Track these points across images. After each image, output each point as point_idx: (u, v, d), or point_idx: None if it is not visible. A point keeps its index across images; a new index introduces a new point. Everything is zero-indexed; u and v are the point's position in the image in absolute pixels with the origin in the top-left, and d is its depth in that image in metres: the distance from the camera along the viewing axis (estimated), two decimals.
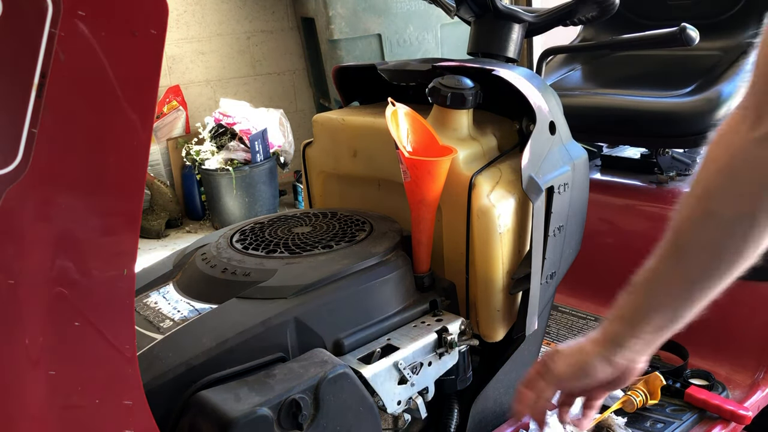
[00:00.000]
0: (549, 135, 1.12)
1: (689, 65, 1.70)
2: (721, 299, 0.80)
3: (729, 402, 1.35)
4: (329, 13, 3.42)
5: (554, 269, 1.17)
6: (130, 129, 0.58)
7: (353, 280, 0.96)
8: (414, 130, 1.03)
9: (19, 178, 0.53)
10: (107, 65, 0.56)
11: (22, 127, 0.53)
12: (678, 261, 0.82)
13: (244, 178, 3.58)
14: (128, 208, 0.60)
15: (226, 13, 4.01)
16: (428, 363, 0.98)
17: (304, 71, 4.28)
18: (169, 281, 1.04)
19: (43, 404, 0.58)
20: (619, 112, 1.61)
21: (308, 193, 1.36)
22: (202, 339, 0.85)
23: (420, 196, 1.00)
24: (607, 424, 1.27)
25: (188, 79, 4.00)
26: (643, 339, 0.86)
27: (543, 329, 1.26)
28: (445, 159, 0.98)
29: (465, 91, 1.09)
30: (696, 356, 1.49)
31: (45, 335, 0.57)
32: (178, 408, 0.80)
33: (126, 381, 0.64)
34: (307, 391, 0.80)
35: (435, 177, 0.98)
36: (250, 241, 1.08)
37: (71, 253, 0.57)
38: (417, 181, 0.99)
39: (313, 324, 0.91)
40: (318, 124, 1.28)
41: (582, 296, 1.72)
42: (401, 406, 0.95)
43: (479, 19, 1.33)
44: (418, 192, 1.00)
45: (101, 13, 0.54)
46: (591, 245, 1.36)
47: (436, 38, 3.67)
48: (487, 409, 1.19)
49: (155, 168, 3.79)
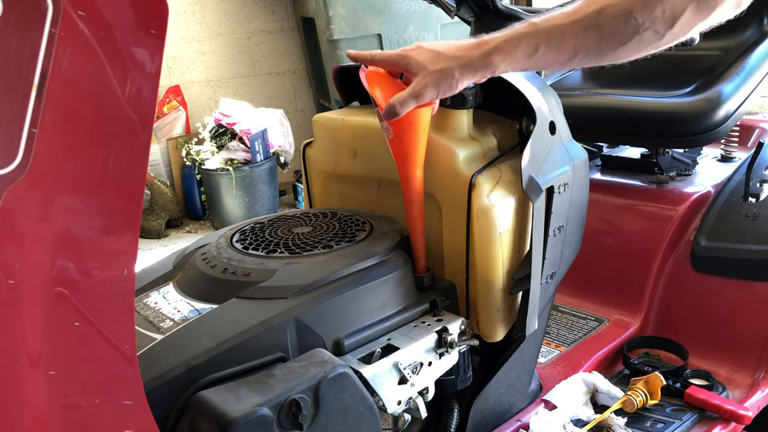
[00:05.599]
0: (549, 135, 1.12)
1: (689, 65, 1.70)
2: (722, 299, 0.80)
3: (729, 402, 1.35)
4: (329, 13, 3.42)
5: (554, 269, 1.17)
6: (130, 129, 0.58)
7: (353, 280, 0.96)
8: (390, 88, 1.03)
9: (19, 178, 0.53)
10: (107, 65, 0.56)
11: (22, 127, 0.53)
12: (569, 14, 0.88)
13: (244, 178, 3.58)
14: (128, 208, 0.60)
15: (226, 13, 4.01)
16: (428, 363, 0.98)
17: (304, 71, 4.28)
18: (169, 281, 1.04)
19: (43, 404, 0.58)
20: (619, 112, 1.61)
21: (308, 193, 1.36)
22: (202, 339, 0.85)
23: (404, 151, 1.01)
24: (607, 424, 1.27)
25: (188, 79, 4.00)
26: (508, 59, 0.91)
27: (543, 329, 1.26)
28: (426, 109, 0.99)
29: (465, 91, 1.09)
30: (696, 356, 1.49)
31: (45, 335, 0.57)
32: (178, 408, 0.80)
33: (126, 381, 0.64)
34: (307, 391, 0.80)
35: (417, 129, 0.99)
36: (250, 241, 1.08)
37: (71, 253, 0.57)
38: (400, 136, 0.99)
39: (313, 324, 0.91)
40: (318, 124, 1.28)
41: (582, 296, 1.72)
42: (401, 406, 0.95)
43: (479, 19, 1.33)
44: (402, 147, 1.00)
45: (101, 13, 0.54)
46: (591, 245, 1.36)
47: (436, 38, 3.67)
48: (487, 409, 1.20)
49: (155, 168, 3.79)
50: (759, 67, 1.59)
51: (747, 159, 1.71)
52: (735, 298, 1.48)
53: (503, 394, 1.22)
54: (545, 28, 0.89)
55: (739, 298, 1.48)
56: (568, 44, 0.88)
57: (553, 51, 0.89)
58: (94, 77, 0.55)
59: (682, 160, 1.75)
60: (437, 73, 0.92)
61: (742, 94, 1.54)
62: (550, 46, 0.89)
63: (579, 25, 0.87)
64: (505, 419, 1.24)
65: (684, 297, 1.57)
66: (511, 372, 1.20)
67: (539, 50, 0.89)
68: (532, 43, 0.89)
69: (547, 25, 0.89)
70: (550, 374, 1.44)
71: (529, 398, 1.32)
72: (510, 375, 1.20)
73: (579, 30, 0.87)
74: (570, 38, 0.88)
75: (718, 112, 1.50)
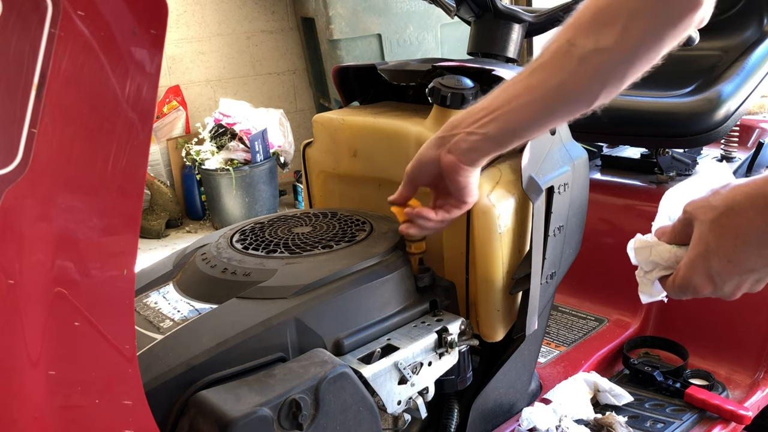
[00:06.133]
0: (549, 135, 1.12)
1: (689, 65, 1.70)
2: (722, 299, 0.80)
3: (729, 402, 1.35)
4: (329, 13, 3.42)
5: (554, 269, 1.17)
6: (130, 129, 0.58)
7: (353, 280, 0.96)
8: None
9: (19, 178, 0.53)
10: (107, 65, 0.56)
11: (22, 127, 0.53)
12: (529, 74, 0.84)
13: (244, 178, 3.58)
14: (128, 208, 0.60)
15: (226, 13, 4.01)
16: (428, 363, 0.98)
17: (304, 71, 4.29)
18: (169, 281, 1.04)
19: (43, 404, 0.58)
20: (619, 112, 1.61)
21: (308, 193, 1.36)
22: (202, 339, 0.85)
23: None
24: (607, 423, 1.27)
25: (188, 79, 4.00)
26: (472, 136, 0.88)
27: (543, 329, 1.26)
28: None
29: (465, 91, 1.09)
30: (696, 356, 1.49)
31: (45, 335, 0.57)
32: (178, 408, 0.80)
33: (126, 381, 0.64)
34: (307, 391, 0.80)
35: None
36: (250, 241, 1.08)
37: (71, 253, 0.57)
38: None
39: (313, 324, 0.91)
40: (318, 124, 1.28)
41: (582, 296, 1.72)
42: (401, 406, 0.95)
43: (479, 19, 1.33)
44: None
45: (101, 13, 0.54)
46: (591, 245, 1.36)
47: (436, 38, 3.67)
48: (487, 409, 1.20)
49: (155, 168, 3.79)
50: (759, 67, 1.59)
51: (747, 159, 1.71)
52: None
53: (503, 394, 1.22)
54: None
55: (739, 298, 1.48)
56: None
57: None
58: (94, 77, 0.55)
59: (682, 160, 1.75)
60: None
61: (742, 94, 1.54)
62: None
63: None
64: (505, 419, 1.24)
65: None
66: (511, 372, 1.20)
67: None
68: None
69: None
70: (550, 374, 1.44)
71: (529, 398, 1.32)
72: (510, 375, 1.20)
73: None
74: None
75: (718, 112, 1.50)
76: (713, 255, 0.71)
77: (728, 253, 0.69)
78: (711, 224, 0.70)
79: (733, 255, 0.69)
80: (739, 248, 0.68)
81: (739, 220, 0.68)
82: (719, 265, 0.71)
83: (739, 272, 0.70)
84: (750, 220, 0.67)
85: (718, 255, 0.70)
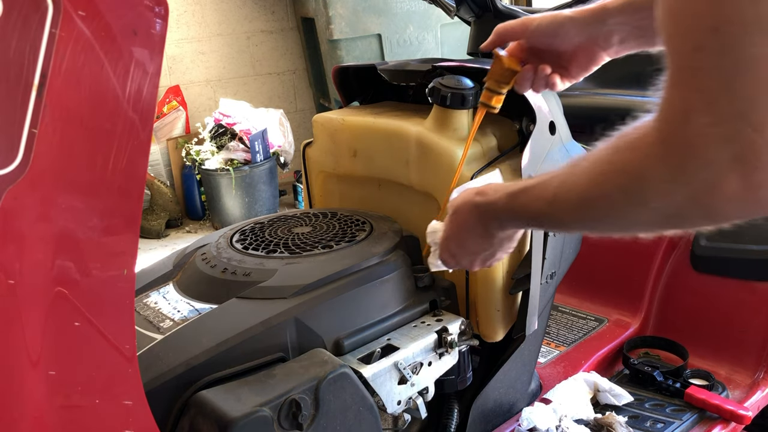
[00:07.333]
0: (549, 135, 1.12)
1: None
2: (722, 299, 0.80)
3: (729, 402, 1.35)
4: (329, 13, 3.42)
5: (554, 269, 1.17)
6: (130, 129, 0.58)
7: (353, 280, 0.96)
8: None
9: (19, 178, 0.53)
10: (107, 65, 0.56)
11: (22, 127, 0.53)
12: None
13: (244, 178, 3.58)
14: (128, 208, 0.60)
15: (226, 13, 4.01)
16: (428, 363, 0.98)
17: (304, 71, 4.28)
18: (169, 281, 1.04)
19: (43, 404, 0.58)
20: (619, 112, 1.61)
21: (308, 193, 1.36)
22: (202, 339, 0.85)
23: None
24: (607, 423, 1.27)
25: (188, 79, 3.99)
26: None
27: (543, 329, 1.26)
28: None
29: (465, 91, 1.09)
30: (696, 356, 1.49)
31: (45, 335, 0.57)
32: (178, 408, 0.80)
33: (126, 381, 0.64)
34: (307, 391, 0.80)
35: None
36: (250, 241, 1.08)
37: (71, 253, 0.57)
38: None
39: (313, 324, 0.91)
40: (318, 124, 1.28)
41: (582, 296, 1.72)
42: (401, 406, 0.95)
43: (479, 19, 1.33)
44: None
45: (101, 13, 0.54)
46: (591, 245, 1.36)
47: (436, 38, 3.67)
48: (487, 409, 1.19)
49: (155, 168, 3.79)
50: None
51: None
52: (735, 298, 1.48)
53: (503, 394, 1.22)
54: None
55: (739, 298, 1.48)
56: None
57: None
58: (94, 77, 0.55)
59: None
60: None
61: None
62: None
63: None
64: (505, 419, 1.24)
65: (684, 297, 1.57)
66: (511, 372, 1.20)
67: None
68: None
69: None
70: (550, 374, 1.44)
71: (529, 398, 1.32)
72: (510, 375, 1.20)
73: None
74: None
75: None
76: (451, 240, 0.93)
77: (458, 239, 0.91)
78: (450, 217, 0.92)
79: (461, 241, 0.91)
80: (462, 236, 0.90)
81: (460, 217, 0.89)
82: (455, 247, 0.93)
83: (468, 253, 0.92)
84: (466, 218, 0.88)
85: (453, 240, 0.92)
